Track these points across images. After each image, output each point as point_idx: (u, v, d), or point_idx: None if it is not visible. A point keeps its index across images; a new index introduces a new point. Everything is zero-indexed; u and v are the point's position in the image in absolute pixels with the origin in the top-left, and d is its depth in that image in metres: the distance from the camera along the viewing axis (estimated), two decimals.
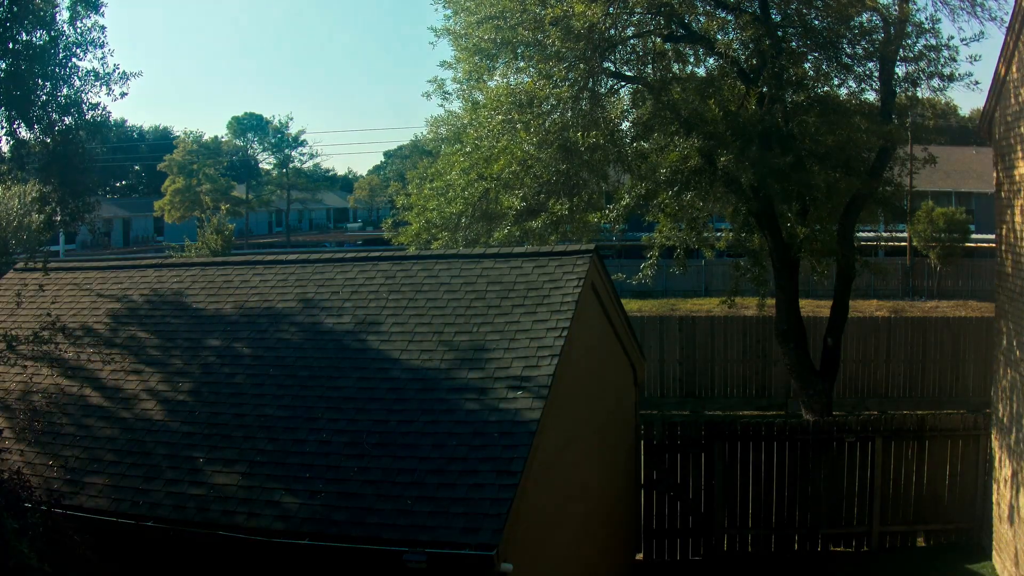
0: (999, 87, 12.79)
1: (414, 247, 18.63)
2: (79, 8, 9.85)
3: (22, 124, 9.68)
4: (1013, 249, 12.40)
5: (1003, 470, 12.90)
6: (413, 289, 10.11)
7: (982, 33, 15.17)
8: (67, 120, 9.84)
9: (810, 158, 15.35)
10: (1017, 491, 12.11)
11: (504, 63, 16.39)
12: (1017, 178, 12.06)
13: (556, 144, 15.16)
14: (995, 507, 13.28)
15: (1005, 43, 12.18)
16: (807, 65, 15.88)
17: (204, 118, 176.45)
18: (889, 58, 15.56)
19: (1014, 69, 11.97)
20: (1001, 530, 12.91)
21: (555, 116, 15.32)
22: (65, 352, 9.98)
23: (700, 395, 23.19)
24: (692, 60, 16.80)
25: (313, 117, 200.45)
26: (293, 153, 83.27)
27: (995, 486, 13.32)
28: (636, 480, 14.16)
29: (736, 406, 22.71)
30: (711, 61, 16.67)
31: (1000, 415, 13.13)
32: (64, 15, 9.86)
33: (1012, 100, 12.11)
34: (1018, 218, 12.10)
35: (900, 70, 15.93)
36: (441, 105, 36.45)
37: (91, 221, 10.48)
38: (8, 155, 9.93)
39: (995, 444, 13.46)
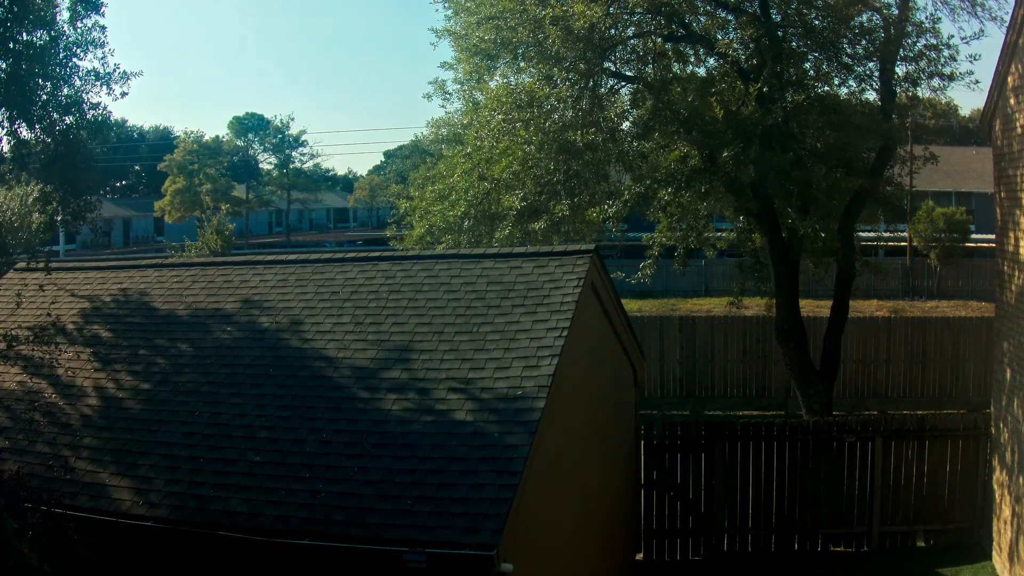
0: (999, 89, 12.78)
1: (418, 250, 18.59)
2: (79, 8, 9.84)
3: (23, 124, 9.66)
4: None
5: (1003, 470, 12.90)
6: (413, 289, 10.12)
7: (982, 31, 15.19)
8: (68, 120, 9.81)
9: (810, 158, 15.35)
10: (1017, 491, 12.11)
11: (505, 63, 16.40)
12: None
13: (556, 144, 15.16)
14: (995, 507, 13.28)
15: (1005, 45, 12.17)
16: (807, 65, 15.88)
17: (204, 118, 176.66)
18: (889, 58, 15.55)
19: (1016, 71, 11.96)
20: (1001, 530, 12.91)
21: (555, 116, 15.31)
22: (65, 352, 9.98)
23: (700, 395, 23.19)
24: (692, 60, 16.81)
25: (314, 117, 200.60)
26: (294, 153, 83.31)
27: (995, 486, 13.32)
28: (636, 480, 14.17)
29: (736, 406, 22.70)
30: (711, 61, 16.68)
31: (1000, 417, 13.13)
32: (64, 15, 9.85)
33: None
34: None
35: (900, 70, 15.95)
36: (442, 106, 36.59)
37: (92, 221, 10.46)
38: (9, 155, 9.92)
39: (995, 445, 13.46)
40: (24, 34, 9.45)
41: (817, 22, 15.39)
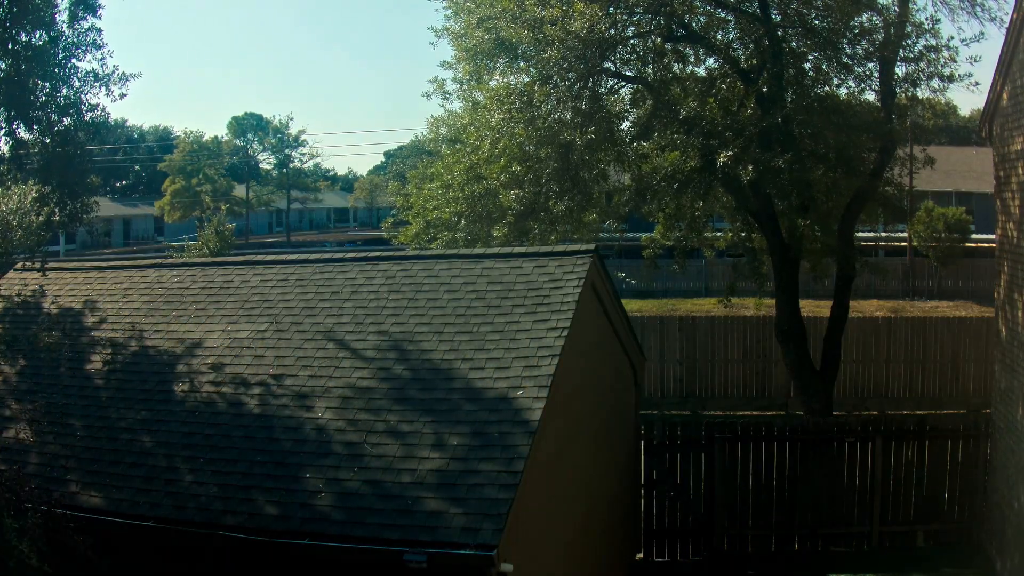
0: (999, 90, 12.78)
1: (414, 247, 18.64)
2: (78, 9, 9.84)
3: (21, 125, 9.66)
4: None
5: (1003, 471, 12.90)
6: (413, 289, 10.12)
7: (982, 33, 15.18)
8: (66, 121, 9.81)
9: (810, 158, 15.35)
10: (1017, 491, 12.10)
11: (504, 63, 16.39)
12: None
13: (555, 143, 15.15)
14: (995, 508, 13.27)
15: (1004, 46, 12.17)
16: (807, 65, 15.88)
17: (204, 118, 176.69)
18: (889, 58, 15.55)
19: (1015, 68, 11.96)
20: (1000, 531, 12.91)
21: (556, 116, 15.30)
22: (65, 352, 9.97)
23: (700, 395, 23.17)
24: (692, 60, 16.82)
25: (313, 117, 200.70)
26: (293, 153, 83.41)
27: (995, 486, 13.31)
28: (636, 480, 14.16)
29: (736, 406, 22.68)
30: (711, 61, 16.70)
31: (999, 416, 13.13)
32: (64, 16, 9.85)
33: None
34: None
35: (900, 70, 15.94)
36: (441, 105, 36.62)
37: (90, 222, 10.45)
38: (7, 156, 9.92)
39: (995, 445, 13.46)
40: (23, 35, 9.46)
41: (817, 22, 15.38)
